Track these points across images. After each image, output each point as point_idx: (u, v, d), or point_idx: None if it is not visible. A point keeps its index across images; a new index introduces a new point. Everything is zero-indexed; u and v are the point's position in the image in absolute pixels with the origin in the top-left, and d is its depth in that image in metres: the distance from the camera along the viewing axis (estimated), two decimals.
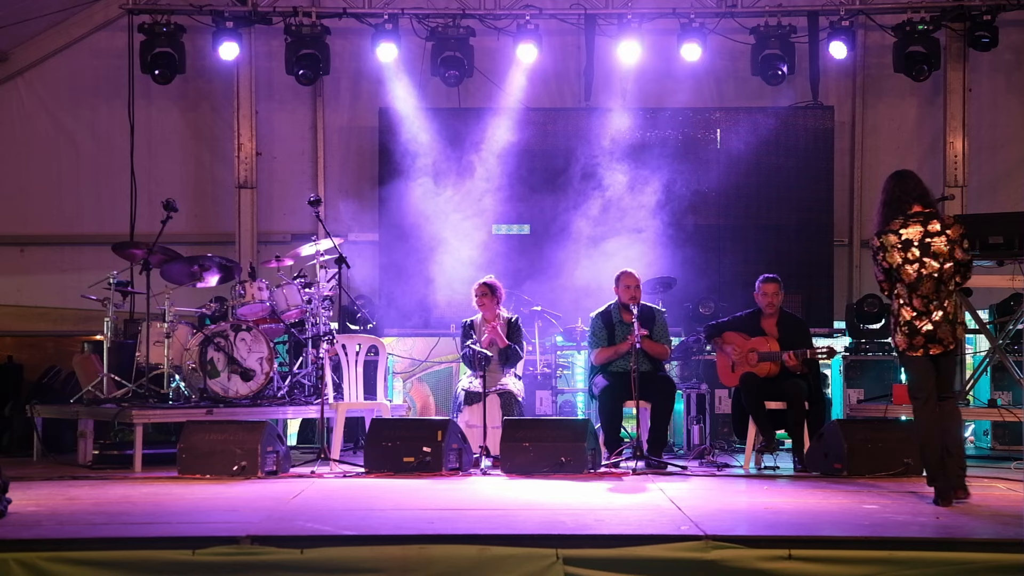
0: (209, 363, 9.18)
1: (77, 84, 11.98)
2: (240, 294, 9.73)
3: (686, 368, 10.46)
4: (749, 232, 11.29)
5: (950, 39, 11.42)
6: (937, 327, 6.78)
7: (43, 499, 6.97)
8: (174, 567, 5.34)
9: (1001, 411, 9.12)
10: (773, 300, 8.94)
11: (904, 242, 6.80)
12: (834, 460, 8.10)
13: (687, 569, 5.34)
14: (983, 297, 10.34)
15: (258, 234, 11.85)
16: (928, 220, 6.84)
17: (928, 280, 6.76)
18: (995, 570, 5.32)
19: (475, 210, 11.04)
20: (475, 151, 11.18)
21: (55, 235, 11.98)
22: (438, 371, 11.80)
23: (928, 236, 6.79)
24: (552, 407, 10.18)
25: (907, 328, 6.81)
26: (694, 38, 11.05)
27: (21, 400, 9.92)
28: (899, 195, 6.92)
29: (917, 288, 6.77)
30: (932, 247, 6.77)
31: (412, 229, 11.12)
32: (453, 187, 11.12)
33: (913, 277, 6.78)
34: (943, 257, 6.77)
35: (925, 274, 6.76)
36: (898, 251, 6.80)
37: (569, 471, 8.08)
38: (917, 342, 6.79)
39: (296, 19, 11.18)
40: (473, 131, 11.27)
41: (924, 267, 6.77)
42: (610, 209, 11.10)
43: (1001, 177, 11.72)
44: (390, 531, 5.77)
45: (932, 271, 6.76)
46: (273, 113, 12.01)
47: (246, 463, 7.98)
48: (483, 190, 11.10)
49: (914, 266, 6.77)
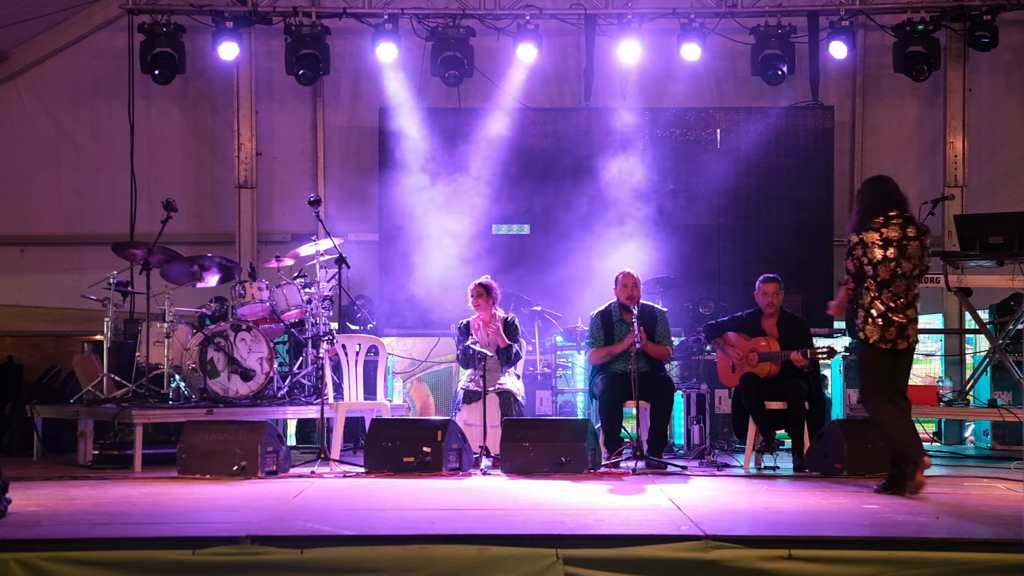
0: (209, 363, 9.18)
1: (77, 84, 11.98)
2: (240, 294, 9.74)
3: (686, 368, 10.45)
4: (749, 232, 11.29)
5: (950, 39, 11.42)
6: (910, 323, 7.14)
7: (43, 499, 6.97)
8: (174, 567, 5.33)
9: (1001, 411, 9.12)
10: (773, 300, 8.94)
11: (884, 240, 7.10)
12: (834, 460, 8.10)
13: (687, 569, 5.33)
14: (983, 297, 10.34)
15: (258, 234, 11.86)
16: (906, 224, 7.18)
17: (901, 280, 7.12)
18: (995, 570, 5.32)
19: (475, 210, 11.04)
20: (475, 151, 11.18)
21: (55, 235, 11.99)
22: (438, 371, 11.80)
23: (905, 239, 7.13)
24: (552, 407, 10.18)
25: (881, 320, 7.12)
26: (694, 38, 11.05)
27: (21, 400, 9.91)
28: (878, 199, 7.22)
29: (889, 286, 7.11)
30: (908, 249, 7.12)
31: (412, 229, 11.12)
32: (453, 187, 11.11)
33: (887, 276, 7.10)
34: (916, 260, 7.14)
35: (900, 273, 7.11)
36: (879, 248, 7.10)
37: (569, 471, 8.08)
38: (889, 334, 7.13)
39: (296, 19, 11.18)
40: (473, 131, 11.27)
41: (900, 267, 7.11)
42: (610, 209, 11.10)
43: (1001, 177, 11.72)
44: (390, 531, 5.77)
45: (905, 271, 7.12)
46: (273, 113, 12.01)
47: (246, 463, 7.98)
48: (483, 190, 11.10)
49: (890, 265, 7.10)
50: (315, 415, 9.16)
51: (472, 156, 11.19)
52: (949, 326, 11.46)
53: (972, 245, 9.32)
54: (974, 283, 9.60)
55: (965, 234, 9.45)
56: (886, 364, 7.18)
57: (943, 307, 11.46)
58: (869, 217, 7.17)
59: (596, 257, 10.93)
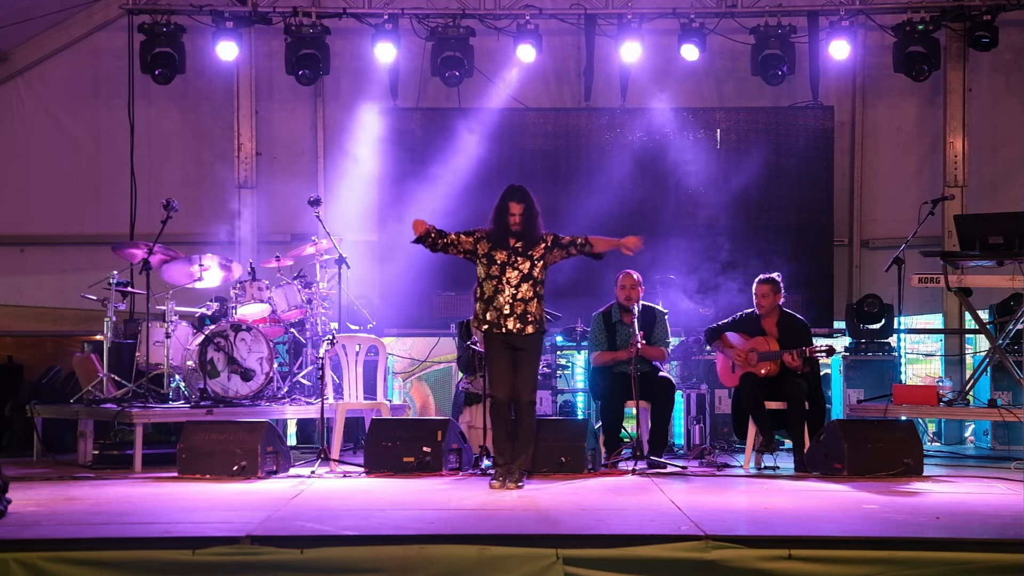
0: (209, 363, 9.19)
1: (77, 84, 11.98)
2: (240, 294, 9.74)
3: (686, 368, 10.45)
4: (749, 232, 11.28)
5: (950, 39, 11.42)
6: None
7: (43, 499, 6.97)
8: (174, 567, 5.34)
9: (1001, 411, 9.11)
10: (762, 301, 8.93)
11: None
12: (834, 460, 8.10)
13: (687, 569, 5.34)
14: (983, 297, 10.34)
15: (258, 234, 11.86)
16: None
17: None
18: (995, 570, 5.33)
19: (475, 210, 11.01)
20: (475, 151, 11.18)
21: (55, 235, 11.98)
22: (438, 371, 11.81)
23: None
24: (552, 407, 10.18)
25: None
26: (694, 38, 11.04)
27: (21, 400, 9.91)
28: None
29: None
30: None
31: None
32: (453, 187, 11.11)
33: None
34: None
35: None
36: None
37: (569, 471, 8.08)
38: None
39: (296, 19, 11.18)
40: (473, 131, 11.27)
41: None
42: (610, 209, 11.09)
43: (1001, 177, 11.72)
44: (390, 531, 5.78)
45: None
46: (273, 113, 12.01)
47: (246, 463, 7.98)
48: (483, 189, 11.07)
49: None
50: (315, 415, 9.16)
51: (472, 156, 11.19)
52: (949, 326, 11.46)
53: (972, 245, 9.32)
54: (974, 283, 9.59)
55: (965, 234, 9.45)
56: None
57: (943, 307, 11.46)
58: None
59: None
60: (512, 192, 7.67)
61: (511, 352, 7.60)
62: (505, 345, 7.60)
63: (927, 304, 11.61)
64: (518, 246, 7.58)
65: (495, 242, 7.60)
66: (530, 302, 7.57)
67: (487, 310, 7.60)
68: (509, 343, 7.59)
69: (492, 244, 7.60)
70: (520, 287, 7.56)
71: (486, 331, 7.65)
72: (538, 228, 7.62)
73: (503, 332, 7.57)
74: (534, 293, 7.60)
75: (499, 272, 7.57)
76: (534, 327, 7.58)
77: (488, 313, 7.58)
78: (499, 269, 7.56)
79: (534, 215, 7.59)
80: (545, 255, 7.65)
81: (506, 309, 7.54)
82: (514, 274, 7.57)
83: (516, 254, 7.58)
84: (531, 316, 7.57)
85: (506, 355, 7.60)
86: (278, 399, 9.53)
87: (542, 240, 7.62)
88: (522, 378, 7.60)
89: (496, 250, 7.58)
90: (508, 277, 7.56)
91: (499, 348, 7.62)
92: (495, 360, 7.65)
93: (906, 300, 10.23)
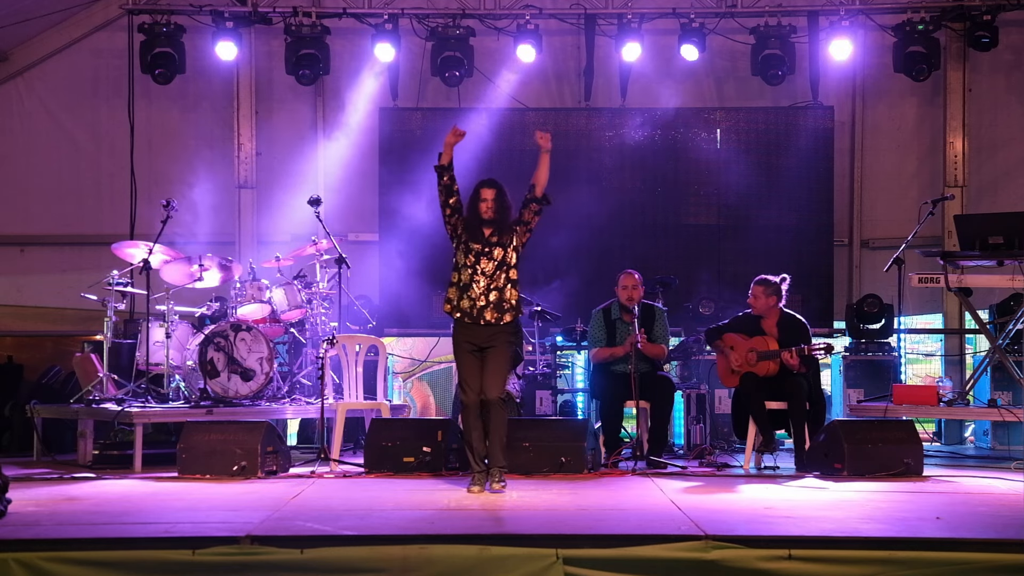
0: (209, 363, 9.19)
1: (77, 84, 11.99)
2: (240, 294, 9.74)
3: (686, 368, 10.45)
4: (749, 232, 11.28)
5: (950, 39, 11.42)
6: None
7: (43, 499, 6.98)
8: (174, 567, 5.34)
9: (1001, 411, 9.11)
10: (753, 302, 8.92)
11: None
12: (834, 460, 8.10)
13: (687, 569, 5.34)
14: (983, 297, 10.34)
15: (258, 234, 11.86)
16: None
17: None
18: (995, 570, 5.33)
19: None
20: (475, 151, 11.15)
21: (55, 235, 11.99)
22: (438, 371, 11.81)
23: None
24: (552, 407, 10.18)
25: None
26: (694, 38, 11.05)
27: (21, 400, 9.91)
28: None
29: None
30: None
31: (412, 229, 11.11)
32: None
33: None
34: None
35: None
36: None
37: (569, 471, 8.09)
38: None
39: (296, 19, 11.18)
40: (473, 131, 11.23)
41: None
42: (610, 208, 11.10)
43: (1001, 177, 11.72)
44: (390, 531, 5.78)
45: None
46: (273, 113, 12.01)
47: (246, 463, 7.98)
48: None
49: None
50: (315, 415, 9.16)
51: (472, 156, 11.15)
52: (949, 326, 11.46)
53: (972, 245, 9.31)
54: (974, 283, 9.58)
55: (965, 234, 9.44)
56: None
57: (943, 307, 11.47)
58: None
59: (596, 256, 10.92)
60: (483, 181, 7.74)
61: (478, 352, 7.57)
62: (472, 347, 7.56)
63: (927, 304, 11.62)
64: (492, 238, 7.59)
65: (471, 233, 7.60)
66: (504, 289, 7.57)
67: (461, 297, 7.59)
68: (476, 343, 7.56)
69: (469, 235, 7.61)
70: (495, 276, 7.56)
71: (458, 319, 7.62)
72: (509, 218, 7.63)
73: (481, 324, 7.53)
74: (508, 280, 7.59)
75: (474, 261, 7.57)
76: (511, 314, 7.59)
77: (462, 301, 7.57)
78: (474, 258, 7.57)
79: (506, 205, 7.60)
80: (515, 239, 7.65)
81: (481, 301, 7.53)
82: (489, 264, 7.57)
83: (490, 244, 7.59)
84: (507, 304, 7.56)
85: (474, 356, 7.57)
86: (278, 399, 9.53)
87: (512, 230, 7.63)
88: (489, 375, 7.55)
89: (472, 240, 7.60)
90: (483, 267, 7.56)
91: (466, 348, 7.58)
92: (463, 362, 7.60)
93: (906, 300, 10.22)
